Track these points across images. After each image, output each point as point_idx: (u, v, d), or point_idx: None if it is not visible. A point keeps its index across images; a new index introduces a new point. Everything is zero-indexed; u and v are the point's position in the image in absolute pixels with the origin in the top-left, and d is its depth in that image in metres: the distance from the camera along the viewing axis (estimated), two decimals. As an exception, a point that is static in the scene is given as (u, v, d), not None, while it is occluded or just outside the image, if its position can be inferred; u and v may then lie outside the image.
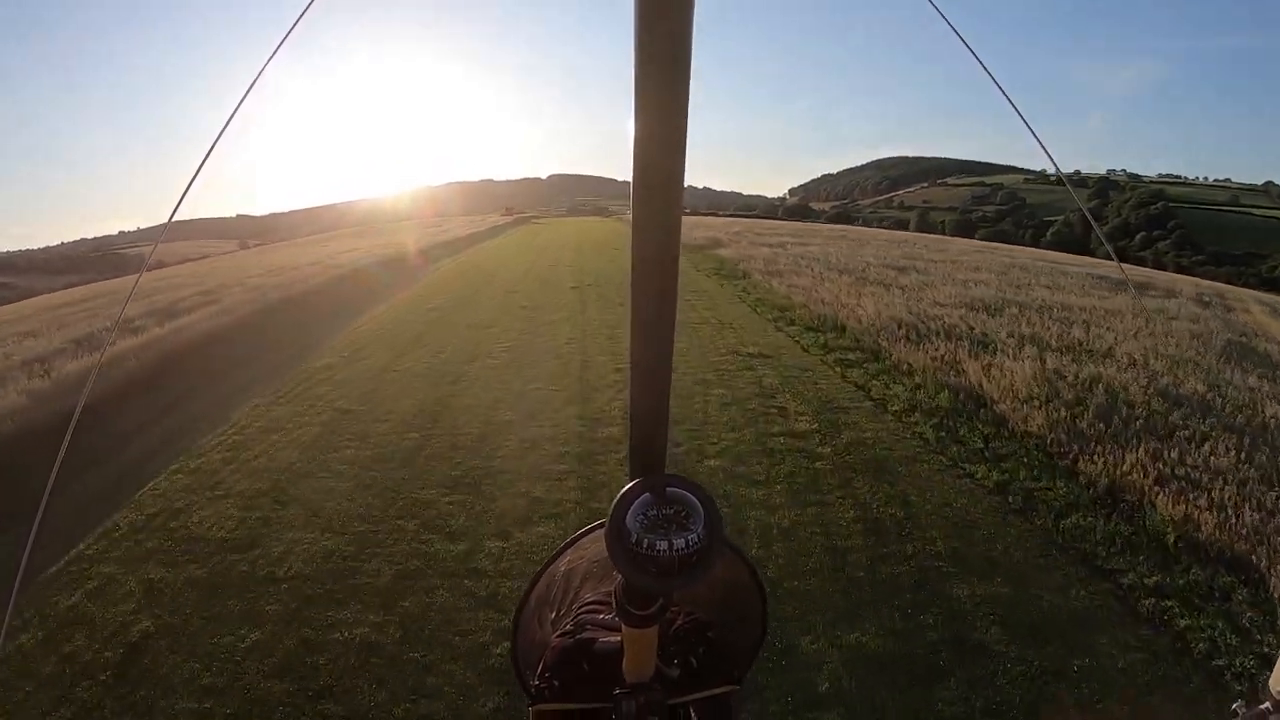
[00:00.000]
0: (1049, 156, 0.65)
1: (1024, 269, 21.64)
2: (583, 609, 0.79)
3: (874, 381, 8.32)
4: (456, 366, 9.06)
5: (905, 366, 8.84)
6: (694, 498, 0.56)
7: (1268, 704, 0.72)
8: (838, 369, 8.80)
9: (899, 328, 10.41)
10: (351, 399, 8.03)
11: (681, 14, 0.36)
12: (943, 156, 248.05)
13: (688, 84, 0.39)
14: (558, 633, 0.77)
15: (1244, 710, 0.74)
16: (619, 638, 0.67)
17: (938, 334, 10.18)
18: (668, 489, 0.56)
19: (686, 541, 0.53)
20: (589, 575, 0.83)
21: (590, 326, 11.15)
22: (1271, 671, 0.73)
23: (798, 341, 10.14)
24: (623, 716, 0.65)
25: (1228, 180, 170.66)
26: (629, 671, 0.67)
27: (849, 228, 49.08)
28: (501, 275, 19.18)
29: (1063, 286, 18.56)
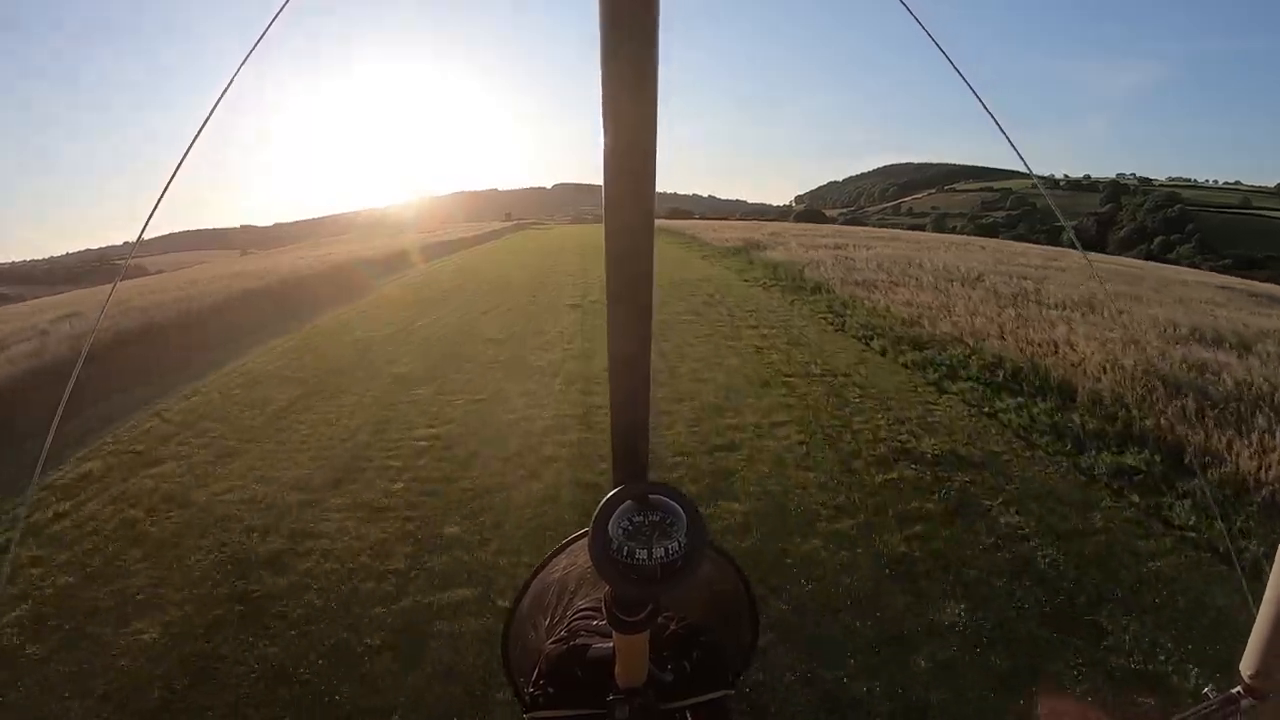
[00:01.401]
0: (1020, 156, 0.63)
1: (1138, 279, 17.04)
2: (576, 616, 0.77)
3: (1251, 543, 3.58)
4: (324, 492, 4.18)
5: (1263, 490, 4.12)
6: (676, 504, 0.54)
7: (1238, 688, 0.72)
8: (1133, 497, 4.04)
9: (1165, 388, 5.66)
10: (50, 595, 3.22)
11: (646, 17, 0.35)
12: (949, 162, 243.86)
13: (655, 85, 0.37)
14: (551, 640, 0.74)
15: (1214, 694, 0.73)
16: (612, 644, 0.66)
17: (1245, 402, 5.42)
18: (650, 496, 0.55)
19: (667, 550, 0.51)
20: (583, 581, 0.81)
21: (605, 379, 6.21)
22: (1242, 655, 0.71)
23: (999, 419, 5.30)
24: None
25: (1238, 183, 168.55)
26: (621, 677, 0.65)
27: (895, 230, 43.40)
28: (475, 286, 14.15)
29: (1219, 301, 14.25)
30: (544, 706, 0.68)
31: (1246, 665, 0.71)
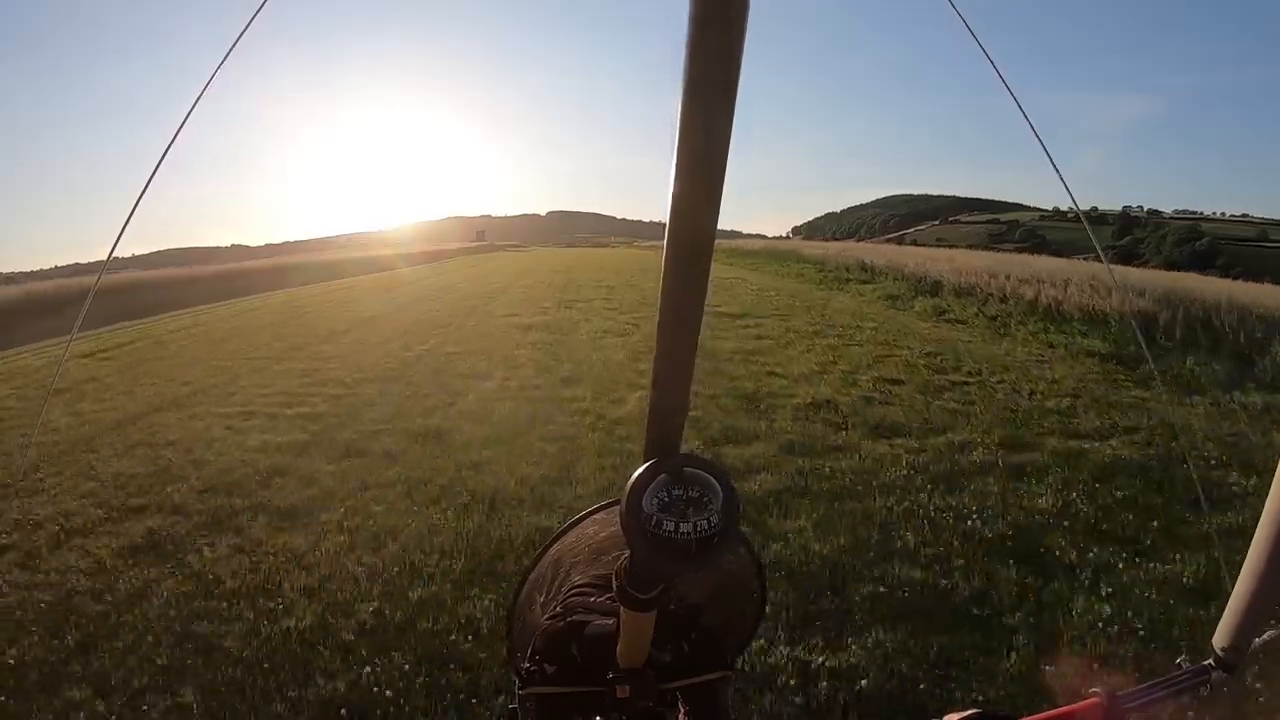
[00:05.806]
0: (1067, 189, 0.61)
1: None
2: (572, 592, 0.76)
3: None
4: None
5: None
6: (712, 478, 0.52)
7: (1210, 660, 0.72)
8: None
9: None
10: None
11: (733, 33, 0.35)
12: (948, 194, 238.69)
13: (735, 88, 0.37)
14: (547, 616, 0.73)
15: (1187, 664, 0.73)
16: (610, 622, 0.66)
17: None
18: (685, 469, 0.52)
19: (697, 525, 0.50)
20: (579, 558, 0.81)
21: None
22: (1216, 628, 0.72)
23: None
24: (615, 701, 0.63)
25: (1246, 215, 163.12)
26: (624, 656, 0.64)
27: (1048, 257, 31.93)
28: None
29: None
30: (539, 683, 0.67)
31: (1220, 639, 0.71)
